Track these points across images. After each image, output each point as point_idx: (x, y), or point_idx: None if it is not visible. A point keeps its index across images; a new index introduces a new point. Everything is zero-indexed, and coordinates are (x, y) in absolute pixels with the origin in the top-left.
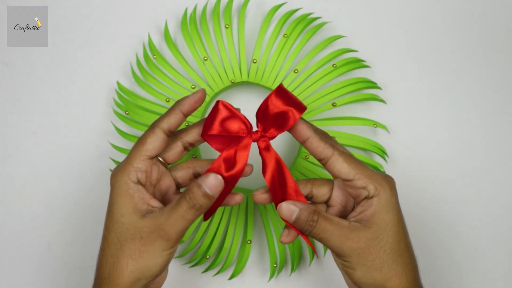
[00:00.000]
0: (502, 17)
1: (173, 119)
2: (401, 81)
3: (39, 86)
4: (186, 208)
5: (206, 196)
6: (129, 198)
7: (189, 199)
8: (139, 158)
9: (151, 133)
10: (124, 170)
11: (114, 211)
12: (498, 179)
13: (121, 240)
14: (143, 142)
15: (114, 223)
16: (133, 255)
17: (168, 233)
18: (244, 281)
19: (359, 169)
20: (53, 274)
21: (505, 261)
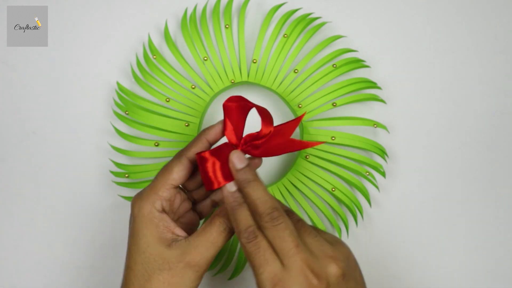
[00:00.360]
0: (502, 17)
1: (199, 148)
2: (401, 81)
3: (39, 86)
4: (217, 233)
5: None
6: (154, 227)
7: (219, 224)
8: (165, 187)
9: (178, 162)
10: (148, 198)
11: (139, 241)
12: (498, 179)
13: (149, 271)
14: (169, 171)
15: (141, 253)
16: (161, 286)
17: (198, 263)
18: (244, 281)
19: None
20: (53, 274)
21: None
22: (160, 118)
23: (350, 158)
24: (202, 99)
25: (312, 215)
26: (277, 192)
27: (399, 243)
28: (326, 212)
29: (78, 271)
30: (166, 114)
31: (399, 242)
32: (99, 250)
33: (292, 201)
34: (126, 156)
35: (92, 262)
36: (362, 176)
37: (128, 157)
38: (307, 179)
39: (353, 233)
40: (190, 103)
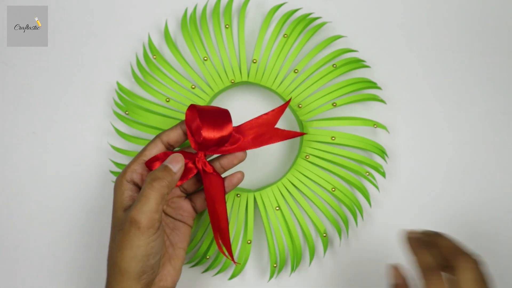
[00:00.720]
0: (503, 17)
1: (173, 134)
2: (401, 81)
3: (39, 86)
4: (147, 186)
5: (165, 168)
6: (120, 195)
7: (148, 175)
8: (137, 161)
9: (152, 142)
10: (123, 171)
11: (113, 207)
12: (499, 179)
13: (113, 234)
14: (142, 150)
15: (112, 218)
16: (118, 245)
17: (138, 220)
18: (244, 281)
19: None
20: (53, 275)
21: (505, 261)
22: (160, 118)
23: (350, 158)
24: (202, 99)
25: (312, 215)
26: (277, 192)
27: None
28: (326, 212)
29: (78, 271)
30: (166, 114)
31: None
32: (99, 250)
33: (292, 201)
34: (126, 156)
35: (92, 262)
36: (362, 176)
37: (128, 157)
38: (307, 179)
39: (353, 233)
40: (190, 103)
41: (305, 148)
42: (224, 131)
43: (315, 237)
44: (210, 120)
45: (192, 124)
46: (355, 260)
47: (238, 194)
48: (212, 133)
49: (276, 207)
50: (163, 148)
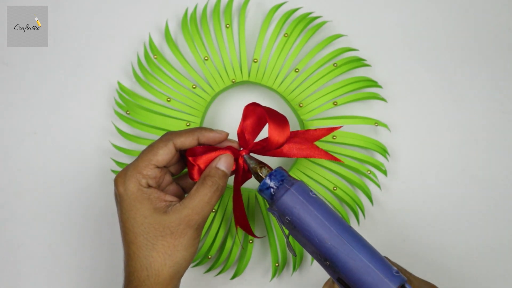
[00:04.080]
0: (503, 16)
1: (188, 141)
2: (401, 79)
3: (39, 86)
4: (211, 193)
5: (225, 175)
6: (146, 200)
7: (211, 183)
8: (148, 167)
9: (164, 145)
10: (132, 177)
11: (135, 215)
12: (499, 177)
13: (152, 240)
14: (154, 153)
15: (139, 226)
16: (168, 251)
17: (196, 221)
18: (246, 281)
19: None
20: (53, 274)
21: (505, 261)
22: (161, 117)
23: (352, 157)
24: (203, 98)
25: None
26: None
27: (400, 241)
28: None
29: (79, 271)
30: (167, 114)
31: (401, 241)
32: (101, 249)
33: None
34: (128, 156)
35: (93, 262)
36: (364, 175)
37: (129, 156)
38: (308, 178)
39: None
40: (191, 102)
41: None
42: (284, 137)
43: None
44: (277, 123)
45: (248, 122)
46: None
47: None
48: (277, 137)
49: None
50: (175, 153)
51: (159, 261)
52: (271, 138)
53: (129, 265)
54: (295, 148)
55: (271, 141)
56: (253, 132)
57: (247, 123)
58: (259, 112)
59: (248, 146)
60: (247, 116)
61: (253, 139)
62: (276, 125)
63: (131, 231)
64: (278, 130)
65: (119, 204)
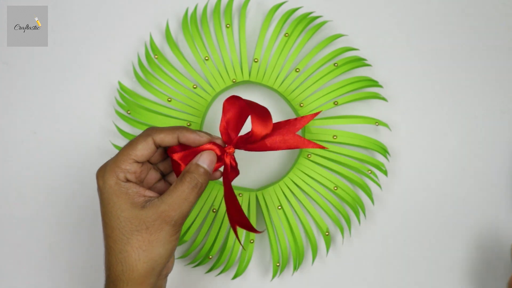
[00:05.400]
0: (503, 16)
1: (168, 139)
2: (402, 79)
3: (39, 86)
4: (189, 190)
5: (206, 173)
6: (124, 195)
7: (190, 180)
8: (127, 161)
9: (143, 140)
10: (111, 171)
11: (111, 209)
12: (499, 177)
13: (127, 234)
14: (133, 147)
15: (115, 219)
16: (142, 246)
17: (173, 217)
18: (247, 281)
19: None
20: (54, 274)
21: (505, 261)
22: (162, 117)
23: (352, 156)
24: (203, 98)
25: (314, 214)
26: (279, 192)
27: (401, 241)
28: (329, 211)
29: (79, 271)
30: (168, 114)
31: (401, 241)
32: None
33: (294, 200)
34: None
35: (93, 262)
36: (364, 175)
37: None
38: (309, 178)
39: (356, 232)
40: (192, 102)
41: None
42: (268, 128)
43: (317, 236)
44: (259, 115)
45: (231, 116)
46: (358, 259)
47: (240, 194)
48: (260, 129)
49: (279, 206)
50: (154, 149)
51: (134, 256)
52: (254, 129)
53: (106, 259)
54: (278, 141)
55: (254, 132)
56: (235, 127)
57: (228, 118)
58: (239, 105)
59: (233, 142)
60: (228, 111)
61: (236, 134)
62: (258, 116)
63: (108, 224)
64: (260, 121)
65: (99, 198)
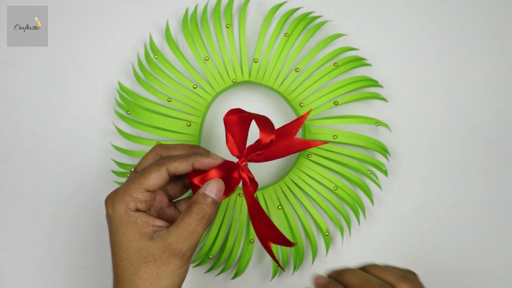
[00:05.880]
0: (503, 16)
1: (182, 167)
2: (402, 79)
3: (39, 86)
4: (196, 222)
5: (214, 202)
6: (133, 224)
7: (197, 211)
8: (138, 190)
9: (157, 170)
10: (121, 199)
11: (120, 238)
12: (499, 177)
13: (135, 265)
14: (145, 176)
15: (124, 250)
16: (150, 278)
17: (181, 250)
18: (247, 280)
19: None
20: (54, 275)
21: (506, 261)
22: (162, 118)
23: (352, 156)
24: (203, 98)
25: (314, 214)
26: (279, 191)
27: (401, 241)
28: (329, 211)
29: (79, 271)
30: (168, 114)
31: (401, 240)
32: (101, 250)
33: (294, 200)
34: (128, 156)
35: (93, 263)
36: (364, 175)
37: (130, 157)
38: (309, 178)
39: (356, 232)
40: (192, 102)
41: None
42: (273, 132)
43: (317, 236)
44: (261, 121)
45: (235, 130)
46: (358, 259)
47: (240, 194)
48: (266, 134)
49: (278, 206)
50: (167, 178)
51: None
52: (261, 135)
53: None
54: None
55: (262, 138)
56: (242, 139)
57: (233, 132)
58: (240, 116)
59: (243, 153)
60: (231, 125)
61: (244, 145)
62: (260, 122)
63: (117, 253)
64: (264, 126)
65: (108, 226)
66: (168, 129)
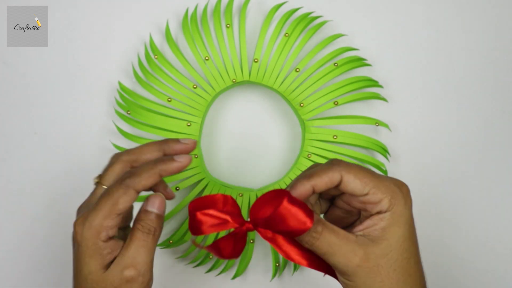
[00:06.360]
0: (503, 16)
1: (149, 183)
2: (402, 79)
3: (39, 86)
4: (144, 237)
5: (158, 217)
6: (98, 256)
7: (142, 227)
8: (109, 217)
9: (124, 194)
10: (92, 228)
11: (82, 268)
12: (499, 177)
13: None
14: (114, 202)
15: (83, 280)
16: None
17: (138, 272)
18: (247, 280)
19: (373, 182)
20: (53, 275)
21: (506, 260)
22: (162, 117)
23: (352, 156)
24: (203, 98)
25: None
26: None
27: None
28: None
29: None
30: (168, 114)
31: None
32: None
33: None
34: None
35: None
36: None
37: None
38: None
39: None
40: (192, 102)
41: (307, 147)
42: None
43: None
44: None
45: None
46: None
47: (240, 194)
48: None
49: None
50: (136, 197)
51: None
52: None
53: None
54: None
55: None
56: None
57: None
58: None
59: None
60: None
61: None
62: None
63: (78, 282)
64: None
65: (73, 248)
66: (168, 129)
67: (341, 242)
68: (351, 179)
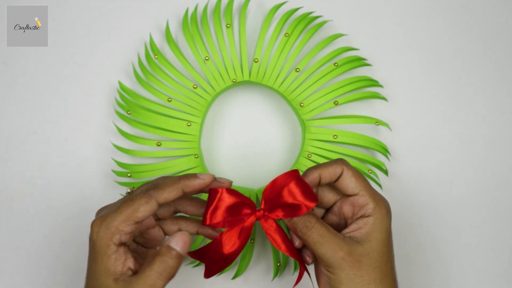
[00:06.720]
0: (503, 16)
1: (172, 196)
2: (402, 78)
3: (39, 86)
4: (157, 275)
5: (178, 256)
6: (107, 258)
7: (159, 264)
8: (127, 222)
9: (146, 203)
10: (108, 229)
11: (95, 267)
12: (499, 177)
13: None
14: (135, 209)
15: (95, 280)
16: None
17: None
18: (248, 280)
19: (365, 187)
20: (53, 275)
21: (506, 261)
22: (162, 117)
23: (352, 156)
24: (203, 98)
25: None
26: None
27: (400, 241)
28: None
29: (79, 272)
30: (168, 114)
31: (401, 241)
32: None
33: None
34: (129, 156)
35: None
36: (365, 175)
37: (130, 156)
38: None
39: None
40: (192, 102)
41: (307, 147)
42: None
43: None
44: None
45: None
46: None
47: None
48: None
49: None
50: (157, 209)
51: None
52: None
53: None
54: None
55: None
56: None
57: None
58: None
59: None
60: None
61: None
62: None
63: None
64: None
65: (89, 248)
66: (168, 129)
67: (330, 235)
68: (349, 176)
